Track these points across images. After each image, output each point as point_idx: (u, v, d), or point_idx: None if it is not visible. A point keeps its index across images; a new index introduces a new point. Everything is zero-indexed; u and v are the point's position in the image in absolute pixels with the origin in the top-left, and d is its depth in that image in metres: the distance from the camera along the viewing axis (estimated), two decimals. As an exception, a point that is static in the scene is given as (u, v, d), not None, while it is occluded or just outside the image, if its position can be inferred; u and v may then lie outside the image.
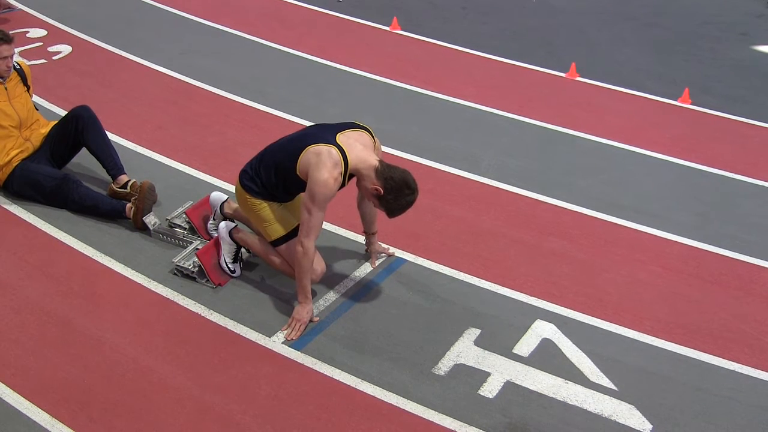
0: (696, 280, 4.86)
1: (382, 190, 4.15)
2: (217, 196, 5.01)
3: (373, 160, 4.19)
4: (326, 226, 5.09)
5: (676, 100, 7.27)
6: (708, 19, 9.47)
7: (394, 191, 4.15)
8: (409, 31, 8.69)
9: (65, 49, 7.89)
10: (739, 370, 4.17)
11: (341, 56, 7.93)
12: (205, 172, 5.78)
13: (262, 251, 4.63)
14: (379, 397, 3.92)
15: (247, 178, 4.48)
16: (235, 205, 4.92)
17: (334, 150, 4.12)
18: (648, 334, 4.39)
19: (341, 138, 4.21)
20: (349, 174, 4.21)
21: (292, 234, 4.42)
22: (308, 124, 6.30)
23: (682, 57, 8.37)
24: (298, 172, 4.22)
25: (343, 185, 4.23)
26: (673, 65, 8.16)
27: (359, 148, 4.22)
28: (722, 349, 4.30)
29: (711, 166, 6.16)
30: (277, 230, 4.47)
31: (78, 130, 5.38)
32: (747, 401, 3.98)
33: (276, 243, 4.51)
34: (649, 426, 3.80)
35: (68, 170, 5.58)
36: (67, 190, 5.24)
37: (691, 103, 7.21)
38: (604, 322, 4.47)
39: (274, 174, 4.38)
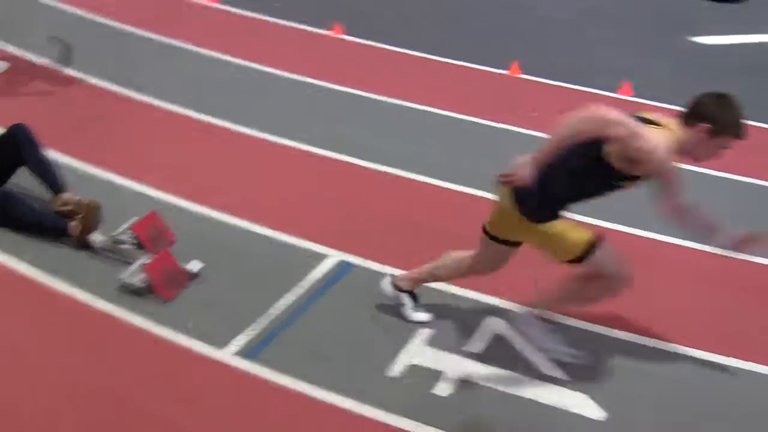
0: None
1: (708, 125, 3.66)
2: (385, 282, 4.49)
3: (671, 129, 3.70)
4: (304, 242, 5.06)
5: (615, 92, 7.37)
6: (652, 10, 9.61)
7: (719, 109, 3.69)
8: (353, 36, 8.66)
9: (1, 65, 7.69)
10: (693, 354, 4.28)
11: (281, 62, 7.86)
12: (148, 185, 5.66)
13: (461, 270, 4.27)
14: (334, 403, 3.90)
15: (537, 205, 3.72)
16: (402, 272, 4.45)
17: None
18: (597, 324, 4.47)
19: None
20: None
21: (594, 241, 3.76)
22: (249, 131, 6.31)
23: (624, 49, 8.50)
24: (603, 154, 3.57)
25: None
26: (614, 58, 8.28)
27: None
28: (669, 334, 4.40)
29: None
30: (581, 238, 3.76)
31: (14, 150, 5.24)
32: (701, 385, 4.10)
33: (579, 259, 3.77)
34: (604, 414, 3.86)
35: (9, 187, 5.37)
36: (9, 208, 5.10)
37: (633, 95, 7.32)
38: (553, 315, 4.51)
39: (569, 182, 3.71)
